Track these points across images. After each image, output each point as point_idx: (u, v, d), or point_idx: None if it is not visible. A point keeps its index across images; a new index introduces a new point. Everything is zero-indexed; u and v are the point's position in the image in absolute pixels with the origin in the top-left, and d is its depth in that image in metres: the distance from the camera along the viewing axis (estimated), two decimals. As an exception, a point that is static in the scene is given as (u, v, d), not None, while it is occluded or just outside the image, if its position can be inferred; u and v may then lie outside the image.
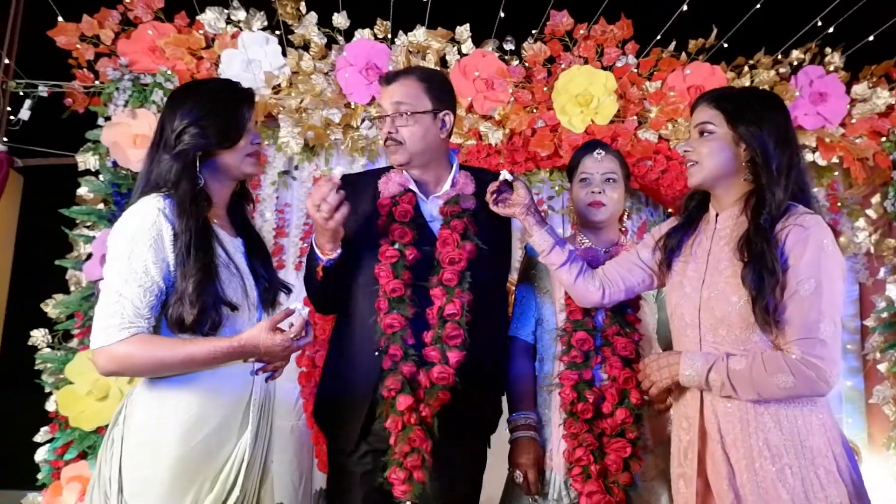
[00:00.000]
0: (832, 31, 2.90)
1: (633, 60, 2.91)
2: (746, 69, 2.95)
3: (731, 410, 1.46)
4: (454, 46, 2.89)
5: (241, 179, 1.61)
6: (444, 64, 2.89)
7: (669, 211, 2.93)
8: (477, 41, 2.90)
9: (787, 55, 2.96)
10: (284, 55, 2.85)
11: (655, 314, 1.95)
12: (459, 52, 2.89)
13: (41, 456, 2.49)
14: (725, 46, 2.92)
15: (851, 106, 2.94)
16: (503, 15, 2.88)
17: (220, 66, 2.80)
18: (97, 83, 2.79)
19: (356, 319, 1.76)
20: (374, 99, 2.81)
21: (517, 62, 2.90)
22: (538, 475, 1.78)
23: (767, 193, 1.46)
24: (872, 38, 2.90)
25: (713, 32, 2.88)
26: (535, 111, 2.87)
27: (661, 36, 2.91)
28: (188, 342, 1.39)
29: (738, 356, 1.45)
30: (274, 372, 1.52)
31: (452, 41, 2.89)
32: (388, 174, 1.83)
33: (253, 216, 2.78)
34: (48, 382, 2.53)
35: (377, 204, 1.78)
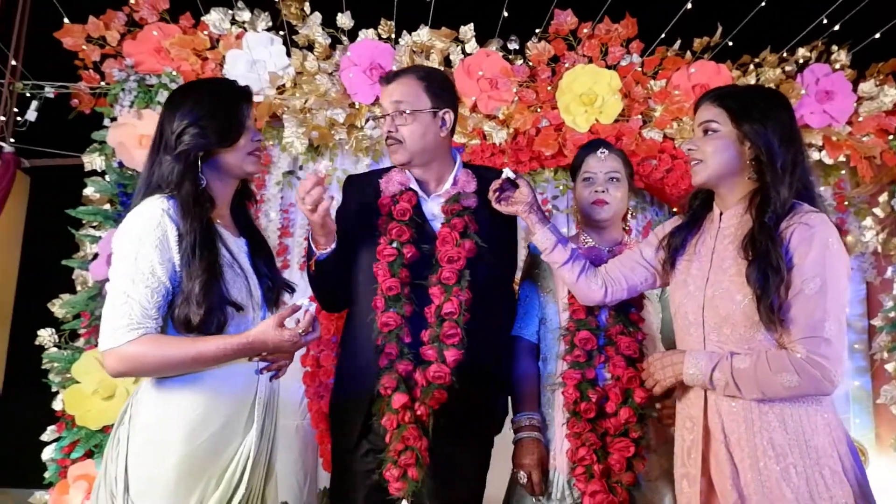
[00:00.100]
0: (838, 28, 2.87)
1: (637, 59, 2.89)
2: (752, 67, 2.92)
3: (735, 410, 1.45)
4: (458, 46, 2.88)
5: (243, 178, 1.61)
6: (447, 63, 2.89)
7: (674, 210, 2.91)
8: (481, 41, 2.89)
9: (792, 53, 2.94)
10: (289, 55, 2.85)
11: (659, 314, 1.94)
12: (463, 51, 2.89)
13: (48, 454, 2.50)
14: (730, 45, 2.90)
15: (858, 104, 2.91)
16: (507, 14, 2.88)
17: (224, 66, 2.81)
18: (103, 84, 2.80)
19: (358, 318, 1.77)
20: (378, 99, 2.80)
21: (521, 61, 2.89)
22: (542, 476, 1.77)
23: (772, 192, 1.46)
24: (879, 35, 2.89)
25: (718, 31, 2.86)
26: (539, 110, 2.86)
27: (665, 34, 2.89)
28: (197, 340, 1.39)
29: (742, 355, 1.44)
30: (278, 371, 1.52)
31: (456, 41, 2.89)
32: (389, 173, 1.83)
33: (257, 216, 2.79)
34: (55, 382, 2.54)
35: (378, 203, 1.79)
